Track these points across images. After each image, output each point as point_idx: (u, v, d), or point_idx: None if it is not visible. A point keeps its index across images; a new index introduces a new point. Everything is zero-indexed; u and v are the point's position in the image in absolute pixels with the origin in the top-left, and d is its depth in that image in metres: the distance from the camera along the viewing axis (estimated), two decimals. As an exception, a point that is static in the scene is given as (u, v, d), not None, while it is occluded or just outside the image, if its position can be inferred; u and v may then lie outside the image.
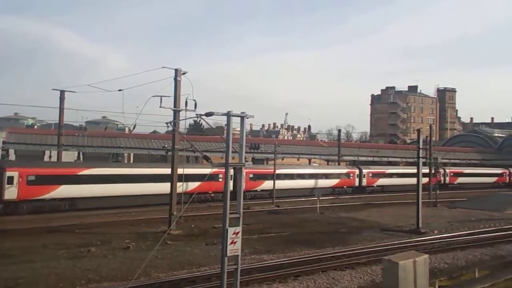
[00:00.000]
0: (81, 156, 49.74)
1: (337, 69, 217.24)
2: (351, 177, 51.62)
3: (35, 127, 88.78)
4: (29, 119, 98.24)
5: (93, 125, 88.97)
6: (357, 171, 52.45)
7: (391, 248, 21.33)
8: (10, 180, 29.95)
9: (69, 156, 47.72)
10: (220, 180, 38.87)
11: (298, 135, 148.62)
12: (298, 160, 58.99)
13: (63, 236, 24.57)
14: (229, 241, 10.94)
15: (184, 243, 23.18)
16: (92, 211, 32.53)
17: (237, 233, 11.09)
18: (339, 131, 72.01)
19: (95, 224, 27.99)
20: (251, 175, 43.09)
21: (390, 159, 66.74)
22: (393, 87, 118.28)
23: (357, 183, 51.77)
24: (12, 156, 49.84)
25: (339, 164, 59.74)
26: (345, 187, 50.74)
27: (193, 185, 36.80)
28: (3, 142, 47.43)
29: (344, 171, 51.64)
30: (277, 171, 42.65)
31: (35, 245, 21.95)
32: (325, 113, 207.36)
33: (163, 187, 29.86)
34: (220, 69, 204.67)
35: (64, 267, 17.65)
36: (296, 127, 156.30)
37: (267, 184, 43.03)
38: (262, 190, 43.85)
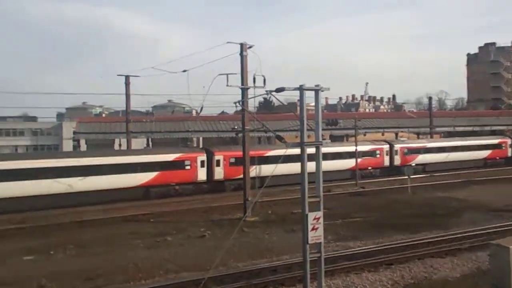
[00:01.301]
0: (150, 142, 52.28)
1: (427, 27, 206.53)
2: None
3: (103, 115, 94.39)
4: (97, 108, 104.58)
5: (159, 109, 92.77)
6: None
7: (500, 231, 20.28)
8: (218, 162, 38.04)
9: (138, 143, 50.50)
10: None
11: (382, 107, 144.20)
12: (382, 135, 57.26)
13: (138, 225, 26.19)
14: (309, 227, 10.99)
15: (262, 230, 23.70)
16: (165, 199, 34.35)
17: (318, 218, 11.09)
18: (430, 99, 68.17)
19: (167, 213, 29.49)
20: (405, 150, 47.51)
21: (494, 128, 62.48)
22: (494, 43, 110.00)
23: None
24: (83, 146, 53.66)
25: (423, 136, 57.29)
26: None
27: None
28: (74, 132, 51.13)
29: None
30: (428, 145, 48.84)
31: (112, 235, 23.60)
32: (413, 80, 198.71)
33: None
34: (288, 43, 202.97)
35: (142, 257, 18.83)
36: (378, 97, 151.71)
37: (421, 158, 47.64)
38: (417, 165, 46.89)
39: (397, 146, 48.34)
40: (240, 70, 26.08)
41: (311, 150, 11.00)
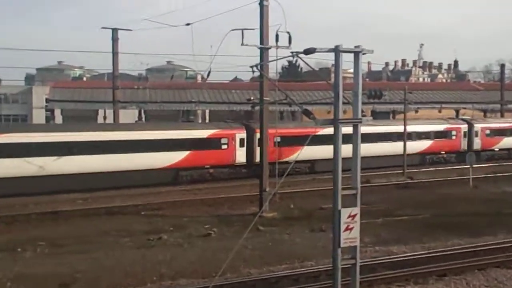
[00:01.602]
0: (142, 115, 52.61)
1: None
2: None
3: (84, 79, 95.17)
4: (76, 70, 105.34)
5: (155, 73, 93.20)
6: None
7: None
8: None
9: (127, 115, 50.74)
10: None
11: (440, 76, 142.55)
12: (439, 112, 56.68)
13: (127, 219, 26.55)
14: (343, 227, 11.01)
15: (281, 229, 23.87)
16: (162, 188, 34.82)
17: (354, 216, 11.10)
18: (502, 66, 66.97)
19: (165, 205, 29.84)
20: (487, 132, 47.87)
21: None
22: None
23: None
24: (58, 118, 54.21)
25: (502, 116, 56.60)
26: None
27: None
28: (47, 100, 51.60)
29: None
30: None
31: (93, 231, 23.94)
32: (480, 42, 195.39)
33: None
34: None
35: (130, 259, 19.09)
36: (435, 63, 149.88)
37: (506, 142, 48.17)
38: (500, 150, 48.16)
39: (478, 126, 48.66)
40: (259, 25, 25.94)
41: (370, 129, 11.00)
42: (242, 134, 38.57)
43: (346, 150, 11.07)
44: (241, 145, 38.46)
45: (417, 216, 25.97)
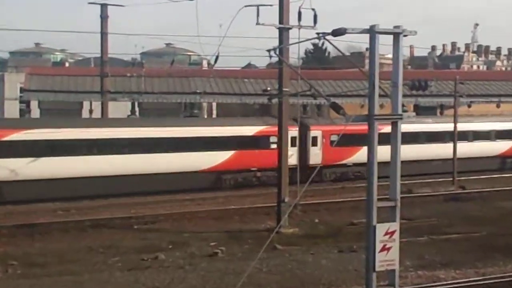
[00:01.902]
0: (136, 108, 52.77)
1: None
2: None
3: (66, 64, 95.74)
4: (57, 53, 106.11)
5: (152, 58, 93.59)
6: None
7: None
8: (315, 140, 41.05)
9: (118, 108, 50.90)
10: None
11: (498, 63, 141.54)
12: (498, 107, 56.24)
13: (116, 234, 26.62)
14: (378, 246, 10.96)
15: (304, 248, 23.81)
16: (160, 196, 35.00)
17: (392, 233, 11.04)
18: None
19: (162, 217, 29.98)
20: None
21: None
22: None
23: None
24: (35, 111, 54.51)
25: None
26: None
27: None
28: (22, 90, 51.78)
29: None
30: None
31: (76, 248, 24.05)
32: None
33: None
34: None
35: (120, 283, 19.14)
36: (493, 48, 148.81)
37: None
38: None
39: None
40: (277, 0, 25.92)
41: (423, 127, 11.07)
42: (293, 132, 38.15)
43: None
44: (293, 144, 38.63)
45: (470, 235, 25.79)
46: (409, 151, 44.63)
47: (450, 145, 40.65)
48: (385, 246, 11.04)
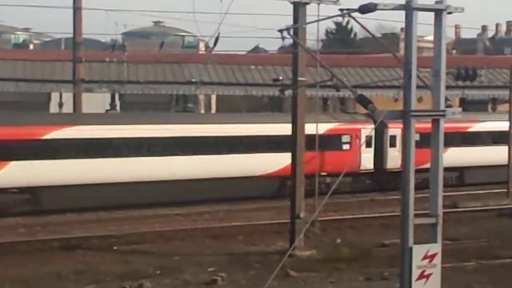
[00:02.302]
0: (117, 101, 52.74)
1: None
2: None
3: (31, 46, 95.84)
4: (18, 33, 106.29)
5: (136, 39, 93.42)
6: None
7: None
8: (393, 140, 42.31)
9: (94, 100, 50.78)
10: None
11: None
12: None
13: (91, 257, 26.60)
14: (415, 273, 10.99)
15: (323, 275, 23.82)
16: (146, 210, 35.11)
17: (433, 256, 11.06)
18: None
19: (149, 236, 29.98)
20: None
21: None
22: None
23: None
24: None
25: None
26: None
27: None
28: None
29: None
30: None
31: (42, 274, 23.94)
32: None
33: None
34: None
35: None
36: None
37: None
38: None
39: None
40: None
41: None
42: (368, 130, 39.72)
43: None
44: (368, 145, 39.95)
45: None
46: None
47: (505, 148, 40.58)
48: (423, 273, 11.07)
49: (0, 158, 33.84)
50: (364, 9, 11.26)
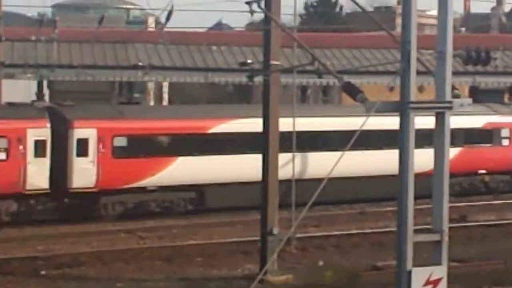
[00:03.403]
0: (45, 89, 52.47)
1: None
2: None
3: None
4: None
5: (70, 12, 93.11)
6: None
7: None
8: None
9: (15, 89, 50.49)
10: None
11: None
12: None
13: (13, 283, 26.43)
14: (415, 302, 11.07)
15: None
16: (80, 226, 34.79)
17: (437, 282, 11.15)
18: None
19: (85, 257, 29.76)
20: None
21: None
22: None
23: None
24: None
25: None
26: None
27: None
28: None
29: None
30: None
31: None
32: None
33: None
34: None
35: None
36: None
37: None
38: None
39: None
40: None
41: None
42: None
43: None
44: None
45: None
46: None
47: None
48: (425, 303, 11.14)
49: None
50: (352, -23, 11.31)
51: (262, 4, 23.26)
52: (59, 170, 37.37)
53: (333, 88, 51.91)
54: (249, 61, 38.77)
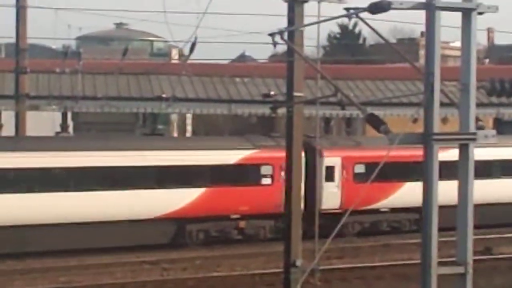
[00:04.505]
0: (69, 121, 52.64)
1: None
2: None
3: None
4: None
5: (94, 44, 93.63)
6: None
7: None
8: None
9: (41, 121, 50.67)
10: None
11: None
12: None
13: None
14: None
15: None
16: (104, 256, 34.79)
17: (461, 315, 11.07)
18: None
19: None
20: None
21: None
22: None
23: None
24: None
25: None
26: None
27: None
28: None
29: None
30: None
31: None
32: None
33: None
34: None
35: None
36: None
37: None
38: None
39: None
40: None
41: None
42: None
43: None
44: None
45: None
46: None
47: None
48: None
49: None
50: (376, 9, 11.29)
51: (285, 36, 23.29)
52: (310, 194, 39.60)
53: (356, 119, 51.76)
54: (272, 92, 38.88)
